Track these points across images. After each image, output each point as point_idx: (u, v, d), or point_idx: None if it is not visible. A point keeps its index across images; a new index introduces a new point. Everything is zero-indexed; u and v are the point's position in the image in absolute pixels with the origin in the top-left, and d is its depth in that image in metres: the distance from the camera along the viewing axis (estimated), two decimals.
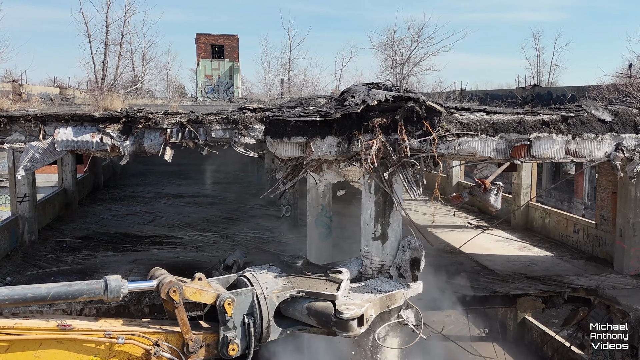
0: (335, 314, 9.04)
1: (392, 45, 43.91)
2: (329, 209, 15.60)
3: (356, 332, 9.17)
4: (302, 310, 9.28)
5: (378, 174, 10.20)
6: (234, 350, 8.64)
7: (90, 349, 7.85)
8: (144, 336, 8.12)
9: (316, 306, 9.23)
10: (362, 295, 9.89)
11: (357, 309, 9.13)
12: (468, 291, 14.36)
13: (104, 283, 7.87)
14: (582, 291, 14.62)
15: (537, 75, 57.04)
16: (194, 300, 8.58)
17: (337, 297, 9.21)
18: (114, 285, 7.86)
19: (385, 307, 10.05)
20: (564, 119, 10.52)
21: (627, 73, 22.82)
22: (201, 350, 8.52)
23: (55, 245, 18.83)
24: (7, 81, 28.07)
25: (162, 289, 8.19)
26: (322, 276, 9.93)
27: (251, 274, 9.61)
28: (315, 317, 9.19)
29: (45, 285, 7.77)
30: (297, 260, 10.31)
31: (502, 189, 10.79)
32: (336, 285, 9.59)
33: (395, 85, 13.26)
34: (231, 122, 10.86)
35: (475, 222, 22.53)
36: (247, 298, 8.88)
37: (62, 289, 7.74)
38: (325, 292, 9.31)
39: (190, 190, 30.27)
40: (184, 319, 8.28)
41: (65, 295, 7.73)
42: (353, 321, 9.05)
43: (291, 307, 9.36)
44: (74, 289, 7.78)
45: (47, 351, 7.63)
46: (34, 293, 7.61)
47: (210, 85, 43.56)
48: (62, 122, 11.05)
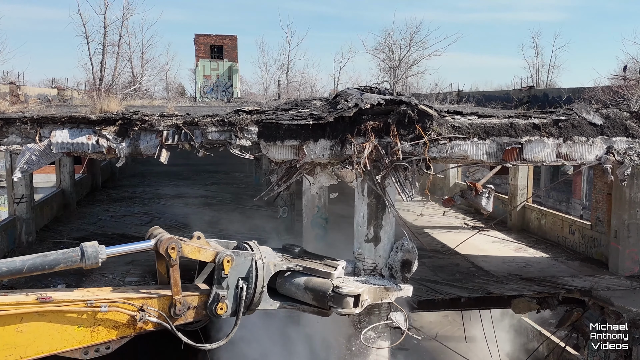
0: (333, 289, 9.19)
1: (391, 46, 44.07)
2: (324, 210, 15.71)
3: (351, 310, 9.34)
4: (299, 285, 9.36)
5: (371, 176, 10.30)
6: (222, 310, 8.58)
7: (73, 319, 7.76)
8: (128, 302, 8.06)
9: (314, 281, 9.37)
10: (357, 283, 10.16)
11: (355, 288, 9.44)
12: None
13: (80, 250, 7.75)
14: (577, 292, 14.68)
15: (536, 76, 57.16)
16: (192, 258, 8.51)
17: (333, 276, 9.39)
18: (91, 251, 7.74)
19: (378, 299, 10.28)
20: (555, 123, 10.61)
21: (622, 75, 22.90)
22: (189, 312, 8.47)
23: (53, 246, 18.85)
24: (4, 83, 28.17)
25: (160, 245, 8.11)
26: (319, 261, 10.06)
27: (253, 242, 9.56)
28: (312, 291, 9.31)
29: (19, 258, 7.65)
30: (294, 248, 10.34)
31: (493, 192, 10.90)
32: (333, 267, 9.74)
33: (389, 89, 13.35)
34: (227, 124, 10.96)
35: (472, 223, 22.59)
36: (246, 261, 8.85)
37: (38, 260, 7.61)
38: (322, 270, 9.46)
39: (188, 191, 30.32)
40: (176, 278, 8.19)
41: (41, 266, 7.58)
42: (350, 298, 9.25)
43: (287, 282, 9.44)
44: (49, 259, 7.65)
45: (29, 324, 7.51)
46: (9, 267, 7.48)
47: (209, 86, 43.66)
48: (58, 124, 11.15)
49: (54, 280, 14.94)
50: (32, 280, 14.93)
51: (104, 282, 14.99)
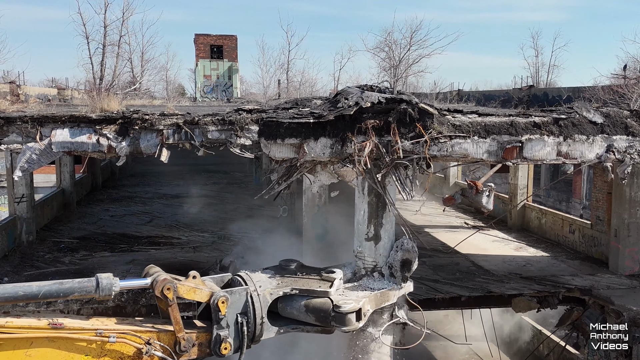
0: (333, 309, 9.19)
1: (391, 46, 44.07)
2: (325, 209, 15.70)
3: (355, 326, 9.35)
4: (299, 308, 9.40)
5: (371, 175, 10.29)
6: (226, 349, 8.68)
7: (82, 347, 7.87)
8: (135, 335, 8.16)
9: (314, 303, 9.37)
10: (357, 293, 10.08)
11: (355, 303, 9.35)
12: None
13: (95, 281, 7.87)
14: (577, 291, 14.68)
15: (536, 76, 57.16)
16: (188, 299, 8.62)
17: (330, 294, 9.38)
18: (106, 283, 7.87)
19: (380, 304, 10.23)
20: (556, 121, 10.61)
21: (622, 74, 22.89)
22: (193, 349, 8.56)
23: (53, 245, 18.90)
24: (4, 82, 28.16)
25: (156, 287, 8.22)
26: (316, 276, 10.07)
27: (245, 273, 9.73)
28: (314, 313, 9.33)
29: (36, 284, 7.80)
30: (290, 264, 10.43)
31: (494, 191, 10.89)
32: (329, 283, 9.74)
33: (390, 87, 13.36)
34: (227, 123, 10.95)
35: (472, 223, 22.60)
36: (241, 297, 8.95)
37: (54, 287, 7.76)
38: (319, 289, 9.45)
39: (189, 191, 30.33)
40: (177, 317, 8.32)
41: (56, 294, 7.76)
42: (351, 314, 9.24)
43: (288, 305, 9.48)
44: (65, 287, 7.81)
45: (38, 350, 7.63)
46: (25, 291, 7.63)
47: (209, 86, 43.65)
48: (58, 123, 11.14)
49: (54, 279, 14.94)
50: (33, 280, 14.97)
51: None
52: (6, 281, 14.73)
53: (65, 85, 43.00)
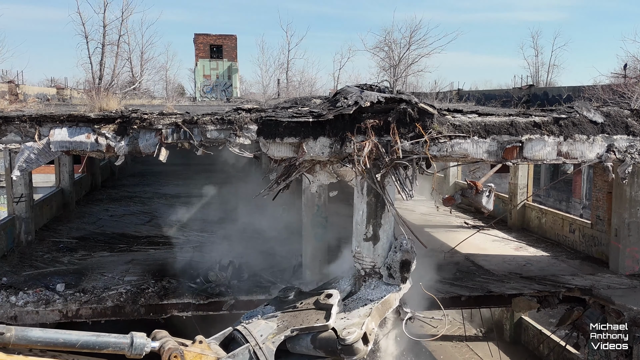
0: (339, 342, 9.18)
1: (390, 45, 44.00)
2: (324, 209, 15.64)
3: (364, 351, 9.35)
4: (307, 346, 9.42)
5: (370, 175, 10.25)
6: None
7: None
8: None
9: (320, 339, 9.36)
10: (358, 311, 9.97)
11: (358, 329, 9.28)
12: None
13: (130, 339, 8.17)
14: (577, 291, 14.66)
15: (536, 75, 57.10)
16: None
17: (328, 327, 9.34)
18: (139, 342, 8.19)
19: (383, 314, 10.17)
20: (556, 121, 10.57)
21: (622, 73, 22.85)
22: None
23: (52, 245, 18.86)
24: (3, 81, 28.10)
25: (164, 354, 8.37)
26: (314, 305, 9.97)
27: (243, 327, 9.62)
28: (322, 348, 9.36)
29: (76, 333, 8.15)
30: (289, 293, 10.38)
31: (494, 191, 10.85)
32: (328, 311, 9.67)
33: (389, 87, 13.31)
34: (226, 123, 10.93)
35: (472, 222, 22.57)
36: (245, 357, 9.03)
37: (91, 339, 8.12)
38: (317, 324, 9.41)
39: (188, 190, 30.27)
40: None
41: (92, 345, 8.12)
42: (358, 343, 9.19)
43: (297, 344, 9.48)
44: (100, 341, 8.15)
45: None
46: (65, 339, 7.97)
47: (208, 85, 43.56)
48: (57, 122, 11.12)
49: (53, 279, 14.93)
50: (32, 279, 14.94)
51: (103, 281, 14.98)
52: (5, 281, 14.69)
53: (65, 84, 42.91)
